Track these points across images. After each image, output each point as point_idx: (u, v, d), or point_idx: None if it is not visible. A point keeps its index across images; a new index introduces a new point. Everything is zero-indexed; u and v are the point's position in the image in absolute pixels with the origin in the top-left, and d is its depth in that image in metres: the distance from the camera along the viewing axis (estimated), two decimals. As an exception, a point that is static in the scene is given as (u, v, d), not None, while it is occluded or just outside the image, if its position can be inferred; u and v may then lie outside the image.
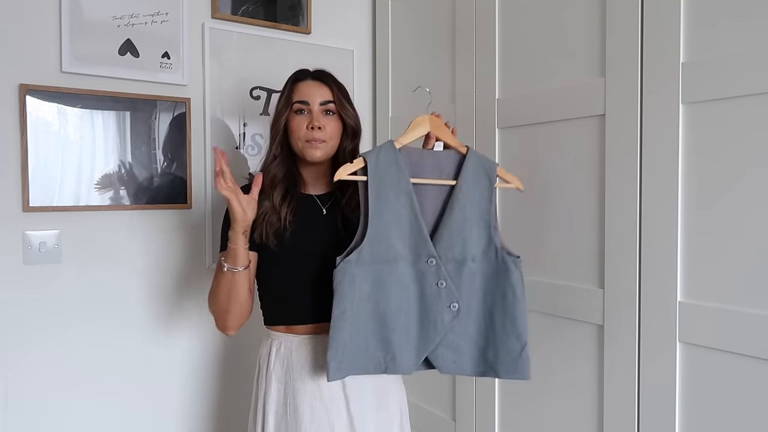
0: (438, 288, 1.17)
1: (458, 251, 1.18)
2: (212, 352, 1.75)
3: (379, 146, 1.18)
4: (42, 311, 1.50)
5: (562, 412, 1.38)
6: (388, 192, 1.15)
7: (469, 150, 1.21)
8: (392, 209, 1.15)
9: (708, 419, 1.11)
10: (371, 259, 1.15)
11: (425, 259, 1.17)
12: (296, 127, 1.26)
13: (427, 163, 1.19)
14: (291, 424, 1.21)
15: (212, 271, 1.71)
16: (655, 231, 1.17)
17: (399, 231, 1.16)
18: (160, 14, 1.62)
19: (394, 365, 1.17)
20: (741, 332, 1.04)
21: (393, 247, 1.16)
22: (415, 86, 1.84)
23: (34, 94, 1.46)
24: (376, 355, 1.16)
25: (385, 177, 1.15)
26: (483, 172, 1.21)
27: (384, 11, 1.98)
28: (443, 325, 1.17)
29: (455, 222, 1.18)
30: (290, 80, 1.30)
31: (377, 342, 1.16)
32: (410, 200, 1.16)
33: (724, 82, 1.06)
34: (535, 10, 1.43)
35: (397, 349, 1.16)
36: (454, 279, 1.18)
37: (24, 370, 1.47)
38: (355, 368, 1.15)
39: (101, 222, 1.56)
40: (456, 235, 1.18)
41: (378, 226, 1.15)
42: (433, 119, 1.23)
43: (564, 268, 1.37)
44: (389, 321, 1.16)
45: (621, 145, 1.22)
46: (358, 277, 1.14)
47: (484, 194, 1.20)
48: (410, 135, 1.21)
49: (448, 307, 1.17)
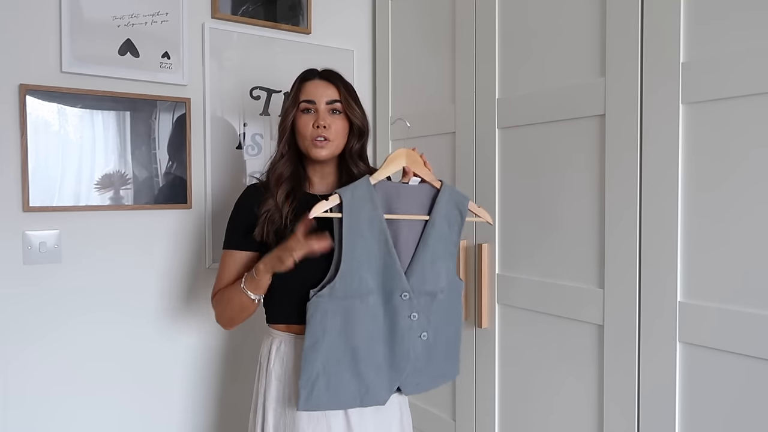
0: (410, 320, 1.20)
1: (430, 285, 1.22)
2: (213, 351, 1.75)
3: (355, 183, 1.18)
4: (42, 311, 1.50)
5: (562, 412, 1.38)
6: (362, 228, 1.16)
7: (443, 185, 1.24)
8: (366, 244, 1.17)
9: (708, 419, 1.11)
10: (344, 294, 1.16)
11: (399, 293, 1.19)
12: (302, 126, 1.27)
13: (402, 197, 1.21)
14: (289, 423, 1.21)
15: (212, 271, 1.72)
16: (655, 231, 1.17)
17: (372, 266, 1.18)
18: (160, 14, 1.62)
19: (368, 397, 1.19)
20: (741, 332, 1.04)
21: (365, 281, 1.17)
22: (415, 85, 1.85)
23: (34, 94, 1.46)
24: (350, 389, 1.18)
25: (359, 213, 1.16)
26: (454, 206, 1.25)
27: (384, 11, 1.98)
28: (415, 355, 1.22)
29: (428, 256, 1.21)
30: (298, 79, 1.31)
31: (351, 376, 1.18)
32: (384, 236, 1.17)
33: (724, 82, 1.06)
34: (535, 10, 1.43)
35: (371, 382, 1.19)
36: (426, 311, 1.22)
37: (23, 368, 1.47)
38: (328, 401, 1.16)
39: (101, 222, 1.56)
40: (428, 270, 1.21)
41: (351, 261, 1.16)
42: (410, 153, 1.24)
43: (564, 268, 1.37)
44: (361, 354, 1.17)
45: (621, 145, 1.22)
46: (330, 312, 1.16)
47: (454, 228, 1.25)
48: (386, 170, 1.22)
49: (419, 336, 1.22)
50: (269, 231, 1.24)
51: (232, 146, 1.75)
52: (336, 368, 1.16)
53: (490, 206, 1.54)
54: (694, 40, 1.11)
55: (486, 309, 1.56)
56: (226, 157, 1.74)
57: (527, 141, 1.46)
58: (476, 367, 1.60)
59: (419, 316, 1.20)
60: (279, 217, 1.24)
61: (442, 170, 1.70)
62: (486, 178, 1.57)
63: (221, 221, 1.71)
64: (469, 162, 1.61)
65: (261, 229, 1.24)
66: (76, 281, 1.54)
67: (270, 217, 1.24)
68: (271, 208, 1.25)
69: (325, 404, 1.16)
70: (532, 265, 1.45)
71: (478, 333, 1.59)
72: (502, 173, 1.53)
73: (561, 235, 1.38)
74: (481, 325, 1.56)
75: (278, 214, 1.25)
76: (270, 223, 1.24)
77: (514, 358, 1.51)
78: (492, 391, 1.56)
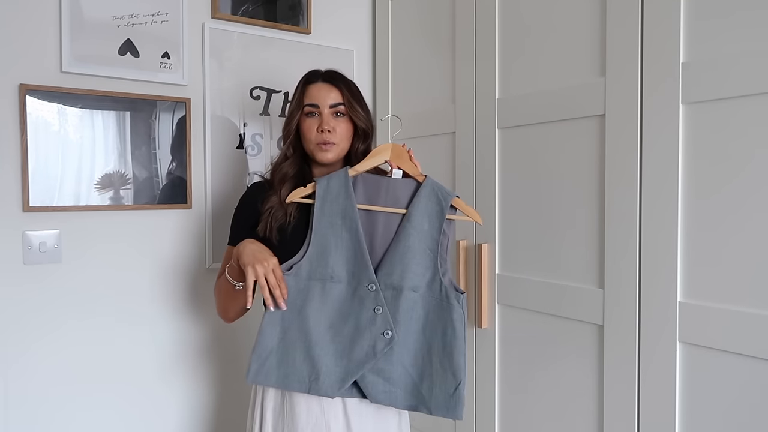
0: (374, 314, 1.17)
1: (396, 279, 1.18)
2: (213, 351, 1.75)
3: (333, 173, 1.22)
4: (42, 311, 1.50)
5: (562, 412, 1.38)
6: (333, 216, 1.19)
7: (426, 179, 1.21)
8: (336, 232, 1.18)
9: (708, 419, 1.11)
10: (307, 276, 1.17)
11: (365, 284, 1.18)
12: (307, 130, 1.28)
13: (381, 190, 1.21)
14: (288, 423, 1.21)
15: (212, 271, 1.72)
16: (655, 231, 1.17)
17: (340, 254, 1.18)
18: (160, 14, 1.62)
19: (317, 385, 1.15)
20: (741, 332, 1.04)
21: (331, 268, 1.18)
22: (415, 85, 1.85)
23: (34, 94, 1.46)
24: (301, 371, 1.16)
25: (332, 201, 1.19)
26: (435, 201, 1.20)
27: (384, 11, 1.98)
28: (374, 351, 1.16)
29: (399, 249, 1.18)
30: (301, 82, 1.32)
31: (304, 359, 1.16)
32: (354, 225, 1.18)
33: (724, 82, 1.06)
34: (535, 10, 1.43)
35: (322, 369, 1.15)
36: (391, 306, 1.17)
37: (23, 368, 1.47)
38: (277, 380, 1.16)
39: (101, 222, 1.56)
40: (396, 263, 1.18)
41: (319, 246, 1.18)
42: (396, 147, 1.24)
43: (564, 268, 1.37)
44: (317, 338, 1.16)
45: (621, 145, 1.22)
46: (291, 290, 1.16)
47: (434, 225, 1.20)
48: (368, 162, 1.23)
49: (382, 333, 1.16)
50: (272, 227, 1.25)
51: (232, 146, 1.75)
52: (290, 348, 1.16)
53: (490, 206, 1.55)
54: (694, 40, 1.11)
55: (486, 309, 1.56)
56: (226, 157, 1.74)
57: (527, 141, 1.46)
58: (476, 367, 1.60)
59: (383, 309, 1.17)
60: (282, 214, 1.25)
61: (442, 170, 1.70)
62: (486, 178, 1.57)
63: (221, 221, 1.71)
64: (469, 162, 1.61)
65: (264, 225, 1.25)
66: (76, 281, 1.54)
67: (273, 214, 1.25)
68: (275, 205, 1.26)
69: (274, 382, 1.16)
70: (532, 265, 1.45)
71: (478, 333, 1.59)
72: (502, 173, 1.53)
73: (561, 235, 1.38)
74: (481, 325, 1.56)
75: (282, 211, 1.25)
76: (273, 220, 1.25)
77: (514, 358, 1.51)
78: (492, 391, 1.56)
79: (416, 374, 1.18)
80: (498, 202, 1.54)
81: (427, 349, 1.19)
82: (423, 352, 1.19)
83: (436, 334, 1.18)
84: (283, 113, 1.84)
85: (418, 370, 1.18)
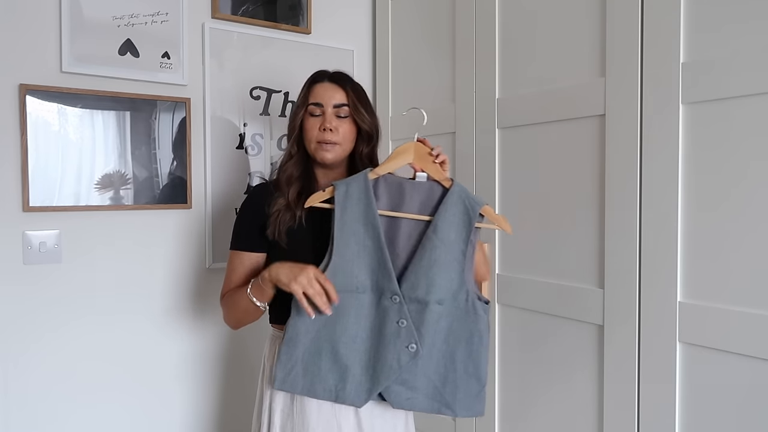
0: (398, 326, 1.13)
1: (422, 293, 1.13)
2: (214, 350, 1.75)
3: (352, 176, 1.16)
4: (42, 311, 1.50)
5: (563, 412, 1.38)
6: (354, 222, 1.13)
7: (453, 184, 1.14)
8: (358, 240, 1.13)
9: (708, 419, 1.11)
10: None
11: (389, 296, 1.14)
12: (309, 128, 1.26)
13: (405, 194, 1.15)
14: (298, 423, 1.21)
15: (212, 271, 1.72)
16: (655, 231, 1.17)
17: (363, 262, 1.14)
18: (160, 14, 1.62)
19: (344, 395, 1.15)
20: (741, 332, 1.04)
21: (356, 277, 1.14)
22: (415, 85, 1.85)
23: (34, 94, 1.46)
24: (327, 380, 1.15)
25: (353, 207, 1.13)
26: (463, 210, 1.14)
27: (384, 11, 1.98)
28: (399, 365, 1.13)
29: (424, 263, 1.13)
30: (308, 81, 1.31)
31: (330, 368, 1.15)
32: (377, 232, 1.13)
33: (724, 82, 1.06)
34: (535, 11, 1.43)
35: (349, 379, 1.15)
36: (416, 320, 1.13)
37: (24, 368, 1.47)
38: (303, 387, 1.16)
39: (101, 222, 1.56)
40: (422, 277, 1.13)
41: (342, 255, 1.14)
42: (418, 148, 1.17)
43: (564, 268, 1.37)
44: (342, 350, 1.14)
45: (621, 145, 1.23)
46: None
47: (461, 234, 1.13)
48: (390, 165, 1.17)
49: (407, 347, 1.13)
50: (281, 230, 1.23)
51: (232, 146, 1.75)
52: (316, 357, 1.15)
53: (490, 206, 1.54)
54: (694, 41, 1.11)
55: (486, 309, 1.56)
56: (226, 157, 1.74)
57: (527, 141, 1.46)
58: (476, 367, 1.60)
59: (407, 323, 1.14)
60: (290, 217, 1.23)
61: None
62: (486, 178, 1.57)
63: (221, 221, 1.71)
64: (469, 162, 1.61)
65: (273, 228, 1.23)
66: (76, 281, 1.53)
67: (281, 217, 1.23)
68: (282, 208, 1.24)
69: (300, 389, 1.16)
70: (532, 265, 1.45)
71: (478, 333, 1.59)
72: (502, 173, 1.53)
73: (561, 235, 1.38)
74: (481, 325, 1.56)
75: (289, 214, 1.23)
76: (282, 223, 1.23)
77: (514, 358, 1.51)
78: (492, 391, 1.55)
79: (439, 381, 1.16)
80: (498, 202, 1.54)
81: (450, 356, 1.16)
82: (446, 359, 1.16)
83: (461, 342, 1.15)
84: (283, 113, 1.84)
85: (441, 377, 1.16)
